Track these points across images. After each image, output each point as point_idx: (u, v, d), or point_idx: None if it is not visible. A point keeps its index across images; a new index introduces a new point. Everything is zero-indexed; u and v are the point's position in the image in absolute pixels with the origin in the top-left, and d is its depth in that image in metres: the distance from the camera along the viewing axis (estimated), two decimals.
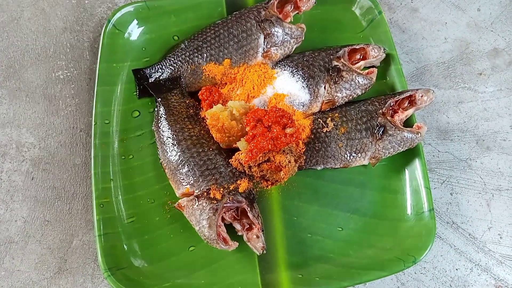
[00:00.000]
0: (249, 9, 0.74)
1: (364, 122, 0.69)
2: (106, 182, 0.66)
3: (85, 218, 0.69)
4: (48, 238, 0.68)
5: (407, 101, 0.70)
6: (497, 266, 0.69)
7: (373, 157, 0.68)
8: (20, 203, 0.70)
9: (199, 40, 0.72)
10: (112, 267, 0.60)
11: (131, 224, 0.65)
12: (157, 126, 0.70)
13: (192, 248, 0.65)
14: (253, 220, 0.61)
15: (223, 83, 0.72)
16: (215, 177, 0.63)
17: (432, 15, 0.85)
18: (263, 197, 0.68)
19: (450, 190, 0.73)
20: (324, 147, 0.68)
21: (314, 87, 0.70)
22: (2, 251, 0.67)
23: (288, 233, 0.66)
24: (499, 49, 0.83)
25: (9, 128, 0.74)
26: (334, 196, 0.68)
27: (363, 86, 0.71)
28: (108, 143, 0.69)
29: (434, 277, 0.68)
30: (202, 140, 0.67)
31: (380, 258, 0.64)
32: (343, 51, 0.72)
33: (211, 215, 0.60)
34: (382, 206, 0.68)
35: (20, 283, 0.66)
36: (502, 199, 0.73)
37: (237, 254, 0.64)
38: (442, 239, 0.70)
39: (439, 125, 0.77)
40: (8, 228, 0.68)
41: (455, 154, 0.75)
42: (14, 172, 0.71)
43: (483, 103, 0.79)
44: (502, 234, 0.71)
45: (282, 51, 0.73)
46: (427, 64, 0.81)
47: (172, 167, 0.66)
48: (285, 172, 0.63)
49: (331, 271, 0.63)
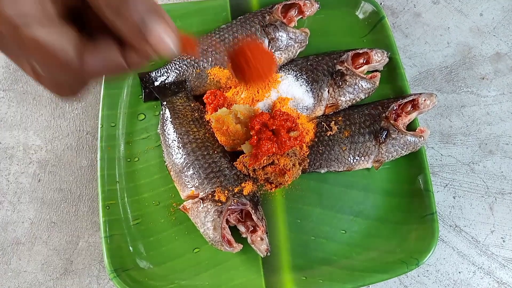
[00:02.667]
0: (254, 13, 0.75)
1: (367, 126, 0.69)
2: (112, 184, 0.67)
3: (91, 220, 0.70)
4: (55, 239, 0.69)
5: (410, 105, 0.71)
6: (500, 269, 0.69)
7: (376, 160, 0.69)
8: (27, 205, 0.70)
9: (204, 44, 0.73)
10: (118, 268, 0.61)
11: (136, 226, 0.66)
12: (162, 129, 0.71)
13: (197, 250, 0.65)
14: (257, 222, 0.62)
15: (227, 86, 0.73)
16: (220, 180, 0.64)
17: (435, 20, 0.86)
18: (267, 200, 0.68)
19: (453, 194, 0.73)
20: (328, 151, 0.69)
21: (318, 91, 0.71)
22: (9, 252, 0.68)
23: (292, 236, 0.67)
24: (501, 53, 0.83)
25: (17, 131, 0.75)
26: (338, 199, 0.69)
27: (366, 90, 0.72)
28: (114, 145, 0.69)
29: (437, 280, 0.69)
30: (207, 143, 0.68)
31: (383, 260, 0.64)
32: (347, 55, 0.73)
33: (215, 217, 0.60)
34: (385, 209, 0.69)
35: (26, 283, 0.66)
36: (505, 203, 0.73)
37: (241, 256, 0.65)
38: (445, 242, 0.71)
39: (442, 129, 0.77)
40: (15, 229, 0.69)
41: (458, 158, 0.76)
42: (21, 174, 0.72)
43: (486, 107, 0.79)
44: (505, 238, 0.71)
45: (286, 55, 0.73)
46: (430, 68, 0.82)
47: (177, 169, 0.66)
48: (289, 175, 0.64)
49: (335, 273, 0.63)
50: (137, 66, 0.33)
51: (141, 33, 0.30)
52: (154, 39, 0.30)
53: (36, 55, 0.29)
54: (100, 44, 0.31)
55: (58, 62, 0.29)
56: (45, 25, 0.28)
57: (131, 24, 0.29)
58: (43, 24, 0.28)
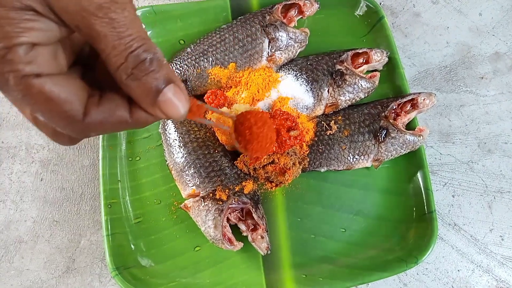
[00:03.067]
0: (254, 14, 0.75)
1: (367, 125, 0.70)
2: (113, 183, 0.67)
3: (93, 219, 0.71)
4: (57, 238, 0.69)
5: (409, 104, 0.71)
6: (498, 267, 0.70)
7: (376, 159, 0.69)
8: (29, 204, 0.71)
9: (204, 44, 0.74)
10: (120, 267, 0.62)
11: (138, 224, 0.67)
12: (163, 128, 0.71)
13: (198, 248, 0.66)
14: (258, 221, 0.62)
15: (228, 86, 0.73)
16: (221, 179, 0.65)
17: (434, 19, 0.86)
18: (267, 199, 0.69)
19: (452, 192, 0.74)
20: (328, 150, 0.69)
21: (318, 91, 0.71)
22: (12, 250, 0.68)
23: (292, 234, 0.67)
24: (500, 53, 0.83)
25: (19, 130, 0.75)
26: (338, 197, 0.69)
27: (366, 89, 0.72)
28: (116, 145, 0.70)
29: (436, 278, 0.69)
30: (207, 142, 0.69)
31: (382, 259, 0.65)
32: (346, 55, 0.74)
33: (216, 215, 0.61)
34: (385, 208, 0.69)
35: (29, 282, 0.67)
36: (503, 201, 0.73)
37: (242, 254, 0.65)
38: (444, 240, 0.71)
39: (441, 128, 0.78)
40: (18, 228, 0.70)
41: (457, 157, 0.76)
42: (24, 173, 0.73)
43: (485, 107, 0.79)
44: (503, 236, 0.72)
45: (286, 55, 0.74)
46: (429, 68, 0.82)
47: (178, 168, 0.67)
48: (289, 174, 0.64)
49: (334, 272, 0.64)
50: (143, 125, 0.32)
51: (154, 98, 0.30)
52: (165, 104, 0.30)
53: (40, 105, 0.28)
54: (106, 98, 0.31)
55: (62, 114, 0.29)
56: (54, 77, 0.28)
57: (145, 89, 0.29)
58: (52, 75, 0.28)
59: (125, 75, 0.29)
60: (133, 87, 0.29)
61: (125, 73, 0.29)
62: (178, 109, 0.31)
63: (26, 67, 0.27)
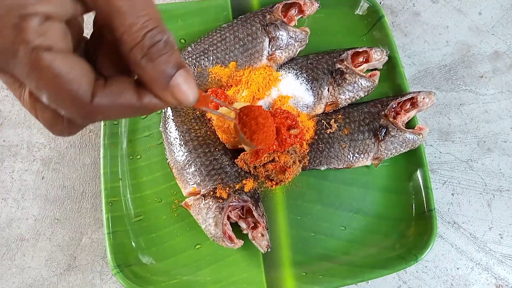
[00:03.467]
0: (255, 13, 0.76)
1: (367, 124, 0.70)
2: (115, 181, 0.68)
3: (94, 217, 0.71)
4: (58, 236, 0.70)
5: (409, 103, 0.71)
6: (498, 265, 0.70)
7: (376, 157, 0.70)
8: (31, 202, 0.71)
9: (205, 43, 0.74)
10: (121, 264, 0.62)
11: (139, 222, 0.67)
12: (164, 127, 0.72)
13: (198, 246, 0.66)
14: (258, 219, 0.63)
15: (228, 85, 0.74)
16: (221, 177, 0.65)
17: (434, 19, 0.86)
18: (267, 197, 0.69)
19: (451, 191, 0.74)
20: (328, 148, 0.70)
21: (318, 89, 0.72)
22: (13, 248, 0.69)
23: (292, 232, 0.67)
24: (500, 52, 0.84)
25: (21, 129, 0.76)
26: (337, 196, 0.70)
27: (365, 88, 0.73)
28: (117, 143, 0.70)
29: (436, 276, 0.70)
30: (208, 141, 0.69)
31: (382, 256, 0.65)
32: (346, 54, 0.74)
33: (217, 213, 0.61)
34: (385, 206, 0.69)
35: (31, 279, 0.67)
36: (502, 200, 0.74)
37: (242, 252, 0.66)
38: (444, 238, 0.72)
39: (440, 126, 0.78)
40: (20, 226, 0.70)
41: (456, 155, 0.76)
42: (25, 172, 0.73)
43: (484, 105, 0.80)
44: (502, 234, 0.72)
45: (286, 54, 0.74)
46: (429, 67, 0.82)
47: (179, 167, 0.67)
48: (289, 172, 0.65)
49: (334, 269, 0.64)
50: (152, 110, 0.32)
51: (166, 81, 0.30)
52: (177, 89, 0.30)
53: (47, 82, 0.27)
54: (114, 81, 0.30)
55: (69, 93, 0.28)
56: (64, 54, 0.27)
57: (159, 71, 0.29)
58: (62, 52, 0.27)
59: (140, 55, 0.29)
60: (147, 68, 0.29)
61: (141, 52, 0.29)
62: (188, 95, 0.31)
63: (38, 38, 0.26)
